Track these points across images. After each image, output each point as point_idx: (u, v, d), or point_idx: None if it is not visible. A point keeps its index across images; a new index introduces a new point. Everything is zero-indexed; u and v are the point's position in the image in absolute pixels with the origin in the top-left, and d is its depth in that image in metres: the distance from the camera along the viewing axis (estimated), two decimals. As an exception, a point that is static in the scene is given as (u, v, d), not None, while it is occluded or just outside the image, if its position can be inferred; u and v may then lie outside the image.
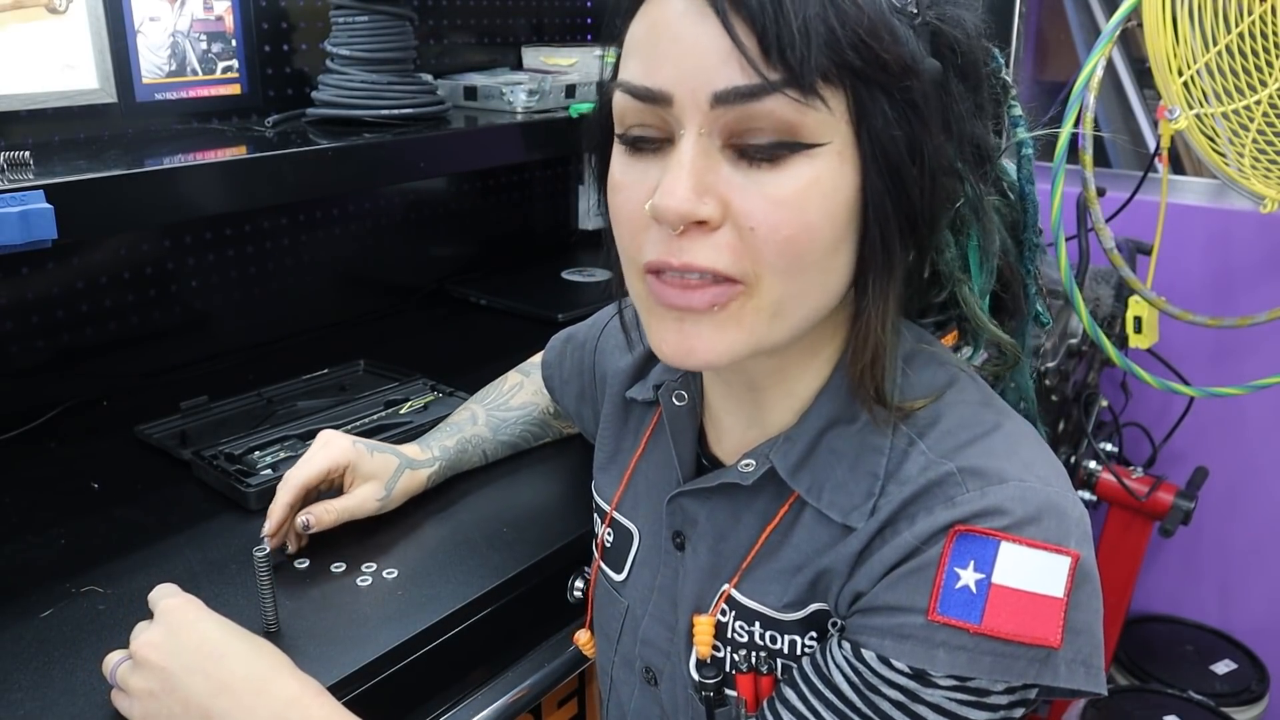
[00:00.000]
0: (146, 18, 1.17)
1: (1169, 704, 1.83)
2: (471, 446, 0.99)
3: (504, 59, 1.63)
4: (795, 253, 0.52)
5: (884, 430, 0.59)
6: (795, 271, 0.53)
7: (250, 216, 1.36)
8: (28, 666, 0.72)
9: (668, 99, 0.52)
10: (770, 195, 0.52)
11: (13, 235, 0.75)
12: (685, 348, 0.55)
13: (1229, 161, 1.33)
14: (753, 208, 0.52)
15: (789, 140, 0.51)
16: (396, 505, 0.91)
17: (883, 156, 0.53)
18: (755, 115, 0.51)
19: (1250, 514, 1.99)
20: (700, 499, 0.67)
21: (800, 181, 0.51)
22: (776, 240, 0.52)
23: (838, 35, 0.50)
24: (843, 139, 0.52)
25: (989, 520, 0.54)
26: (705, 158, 0.52)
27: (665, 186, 0.52)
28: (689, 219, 0.52)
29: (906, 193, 0.54)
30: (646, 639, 0.71)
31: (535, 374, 1.04)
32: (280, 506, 0.83)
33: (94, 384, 1.22)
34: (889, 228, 0.54)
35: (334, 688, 0.70)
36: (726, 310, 0.54)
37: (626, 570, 0.75)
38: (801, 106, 0.50)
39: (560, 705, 0.93)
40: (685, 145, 0.52)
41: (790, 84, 0.49)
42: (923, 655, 0.54)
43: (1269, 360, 1.85)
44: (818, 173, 0.52)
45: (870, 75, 0.51)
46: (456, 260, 1.67)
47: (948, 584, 0.54)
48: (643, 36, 0.54)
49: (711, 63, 0.50)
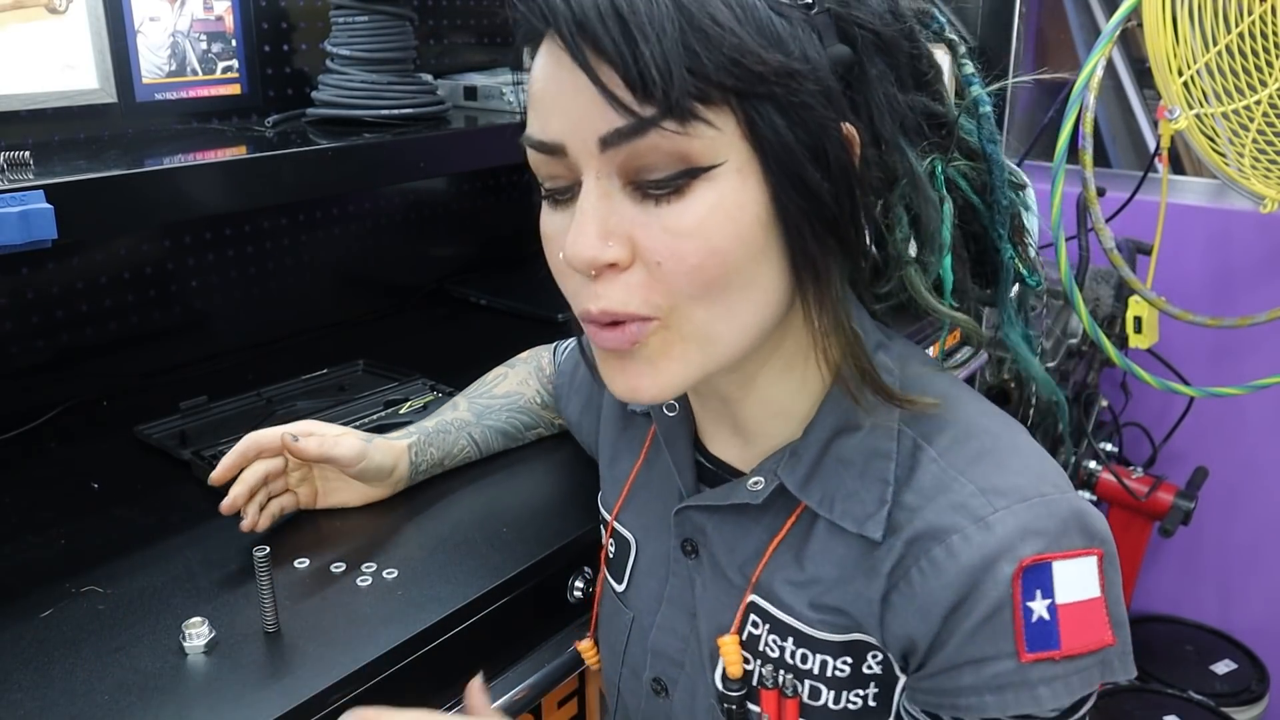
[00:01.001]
0: (146, 18, 1.17)
1: (1169, 704, 1.83)
2: (455, 428, 0.98)
3: (504, 59, 1.63)
4: (706, 279, 0.52)
5: (889, 434, 0.60)
6: (713, 296, 0.53)
7: (250, 216, 1.36)
8: (28, 666, 0.72)
9: (562, 149, 0.53)
10: (671, 228, 0.52)
11: (13, 235, 0.75)
12: (629, 386, 0.56)
13: (1229, 161, 1.33)
14: (656, 243, 0.52)
15: (682, 169, 0.51)
16: (381, 475, 0.91)
17: (782, 166, 0.52)
18: (643, 152, 0.51)
19: (1250, 514, 1.99)
20: (707, 512, 0.67)
21: (701, 208, 0.51)
22: (684, 271, 0.52)
23: (701, 59, 0.49)
24: (739, 154, 0.52)
25: (1034, 543, 0.54)
26: (607, 200, 0.52)
27: (571, 236, 0.53)
28: (595, 264, 0.52)
29: (816, 196, 0.53)
30: (657, 650, 0.71)
31: (521, 367, 1.04)
32: (232, 454, 0.84)
33: (94, 384, 1.22)
34: (808, 234, 0.54)
35: (334, 688, 0.70)
36: (649, 346, 0.54)
37: (626, 580, 0.75)
38: (683, 136, 0.50)
39: (560, 705, 0.93)
40: (586, 191, 0.53)
41: (664, 116, 0.49)
42: (1027, 700, 0.54)
43: (1269, 360, 1.85)
44: (719, 196, 0.52)
45: (749, 89, 0.50)
46: (456, 260, 1.67)
47: (1026, 621, 0.54)
48: (534, 90, 0.55)
49: (590, 108, 0.50)
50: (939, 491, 0.57)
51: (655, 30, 0.48)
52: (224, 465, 0.84)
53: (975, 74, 0.63)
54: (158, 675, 0.71)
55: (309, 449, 0.85)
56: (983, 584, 0.54)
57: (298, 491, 0.90)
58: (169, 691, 0.69)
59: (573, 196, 0.54)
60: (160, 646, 0.74)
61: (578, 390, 0.93)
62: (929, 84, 0.60)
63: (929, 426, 0.60)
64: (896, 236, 0.59)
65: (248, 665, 0.71)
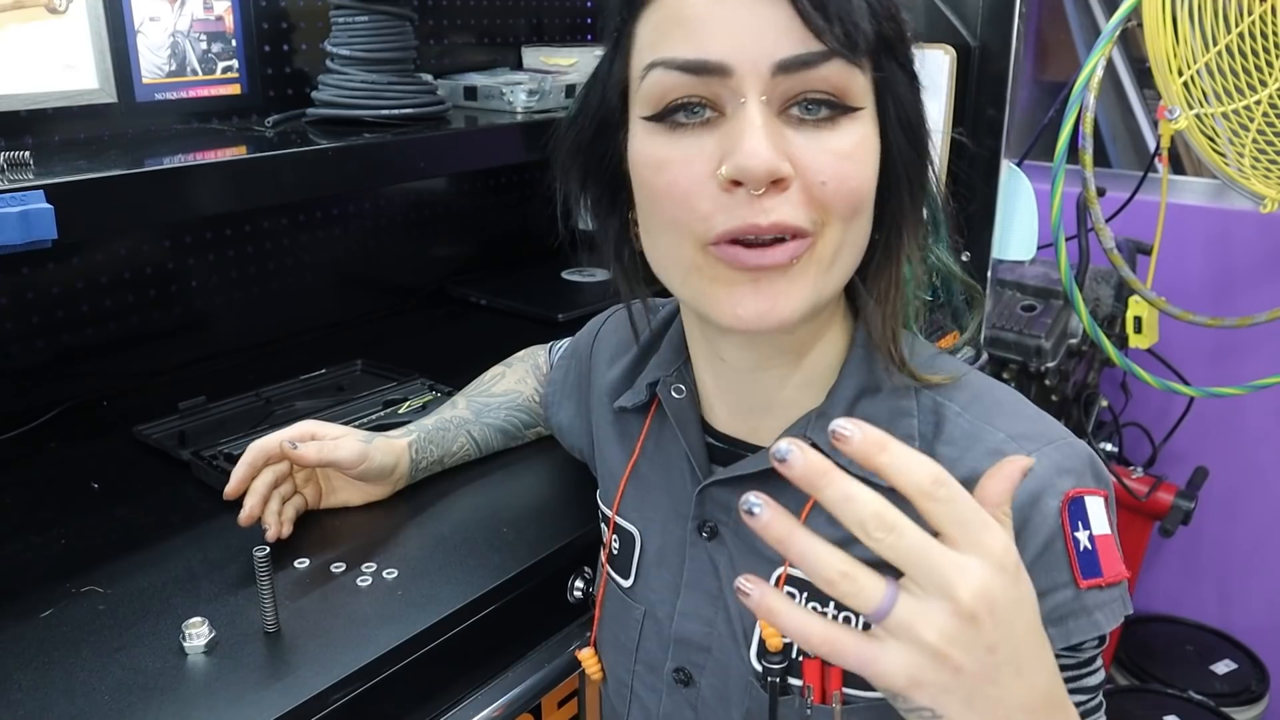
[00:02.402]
0: (146, 18, 1.17)
1: (1169, 704, 1.83)
2: (454, 426, 0.98)
3: (504, 59, 1.63)
4: (857, 202, 0.56)
5: (907, 393, 0.64)
6: (853, 219, 0.57)
7: (250, 216, 1.36)
8: (28, 666, 0.72)
9: (726, 70, 0.54)
10: (835, 150, 0.55)
11: (13, 235, 0.75)
12: (764, 307, 0.56)
13: (1229, 161, 1.33)
14: (822, 164, 0.55)
15: (840, 103, 0.55)
16: (383, 474, 0.91)
17: (905, 119, 0.59)
18: (812, 81, 0.54)
19: (1250, 514, 1.99)
20: (733, 486, 0.67)
21: (855, 138, 0.56)
22: (845, 191, 0.55)
23: (874, 7, 0.55)
24: (871, 105, 0.57)
25: (1068, 480, 0.59)
26: (770, 121, 0.54)
27: (747, 148, 0.53)
28: (775, 175, 0.53)
29: (922, 151, 0.60)
30: (680, 638, 0.71)
31: (518, 365, 1.05)
32: (242, 465, 0.85)
33: (94, 384, 1.22)
34: (914, 183, 0.60)
35: (334, 688, 0.70)
36: (799, 264, 0.56)
37: (634, 574, 0.74)
38: (852, 71, 0.55)
39: (560, 705, 0.93)
40: (752, 111, 0.54)
41: (846, 49, 0.53)
42: (1087, 625, 0.58)
43: (1269, 360, 1.85)
44: (864, 131, 0.56)
45: (892, 45, 0.57)
46: (456, 260, 1.67)
47: (1077, 549, 0.58)
48: (675, 16, 0.55)
49: (772, 33, 0.53)
50: (972, 441, 0.61)
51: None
52: (236, 479, 0.85)
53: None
54: (158, 675, 0.71)
55: (308, 455, 0.85)
56: (1033, 520, 0.58)
57: (304, 493, 0.90)
58: (169, 691, 0.69)
59: (707, 121, 0.55)
60: (160, 646, 0.74)
61: (569, 395, 0.93)
62: None
63: (944, 388, 0.65)
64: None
65: (248, 665, 0.71)
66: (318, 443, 0.86)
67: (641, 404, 0.75)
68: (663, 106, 0.56)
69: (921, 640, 0.44)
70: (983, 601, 0.43)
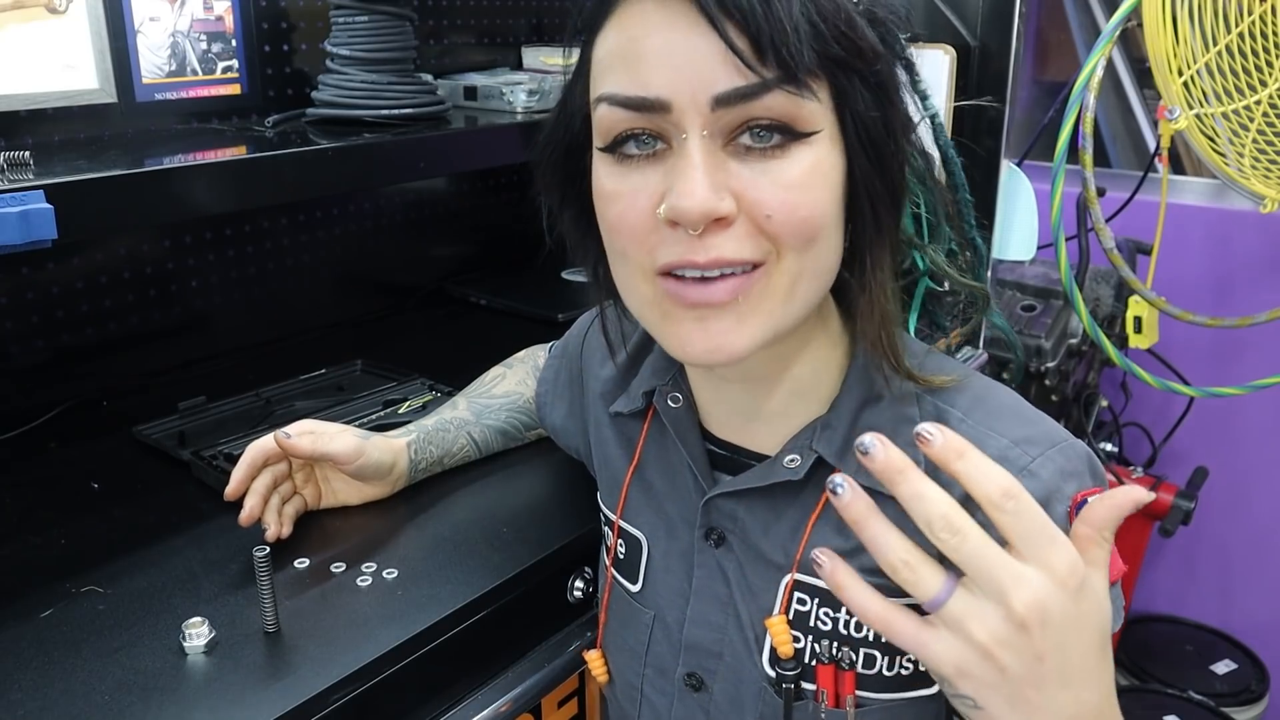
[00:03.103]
0: (146, 18, 1.17)
1: (1169, 704, 1.83)
2: (454, 427, 0.98)
3: (504, 59, 1.63)
4: (810, 231, 0.56)
5: (910, 400, 0.64)
6: (808, 248, 0.56)
7: (250, 216, 1.36)
8: (28, 666, 0.72)
9: (665, 106, 0.54)
10: (782, 181, 0.54)
11: (13, 235, 0.75)
12: (712, 345, 0.57)
13: (1229, 161, 1.33)
14: (766, 196, 0.54)
15: (789, 130, 0.54)
16: (380, 473, 0.91)
17: (866, 137, 0.57)
18: (755, 111, 0.53)
19: (1250, 514, 1.99)
20: (737, 498, 0.68)
21: (805, 164, 0.55)
22: (793, 223, 0.55)
23: (820, 30, 0.53)
24: (830, 125, 0.56)
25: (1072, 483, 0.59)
26: (711, 157, 0.54)
27: (681, 189, 0.53)
28: (711, 216, 0.53)
29: (887, 167, 0.58)
30: (692, 644, 0.71)
31: (519, 366, 1.04)
32: (241, 466, 0.84)
33: (94, 384, 1.22)
34: (879, 202, 0.58)
35: (334, 688, 0.70)
36: (748, 299, 0.56)
37: (642, 579, 0.74)
38: (797, 100, 0.53)
39: (560, 705, 0.93)
40: (692, 148, 0.54)
41: (786, 80, 0.52)
42: None
43: (1269, 360, 1.85)
44: (817, 157, 0.55)
45: (849, 64, 0.55)
46: (456, 260, 1.67)
47: None
48: (621, 48, 0.55)
49: (708, 67, 0.52)
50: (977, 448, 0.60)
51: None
52: (236, 480, 0.85)
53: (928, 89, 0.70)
54: (158, 675, 0.71)
55: (303, 446, 0.85)
56: None
57: (304, 493, 0.90)
58: (169, 691, 0.69)
59: (653, 155, 0.56)
60: (160, 646, 0.74)
61: (560, 396, 0.93)
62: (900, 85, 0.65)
63: (945, 393, 0.64)
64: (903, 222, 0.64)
65: (248, 665, 0.71)
66: (313, 435, 0.86)
67: (638, 410, 0.75)
68: (612, 139, 0.56)
69: (971, 636, 0.47)
70: (1035, 612, 0.46)
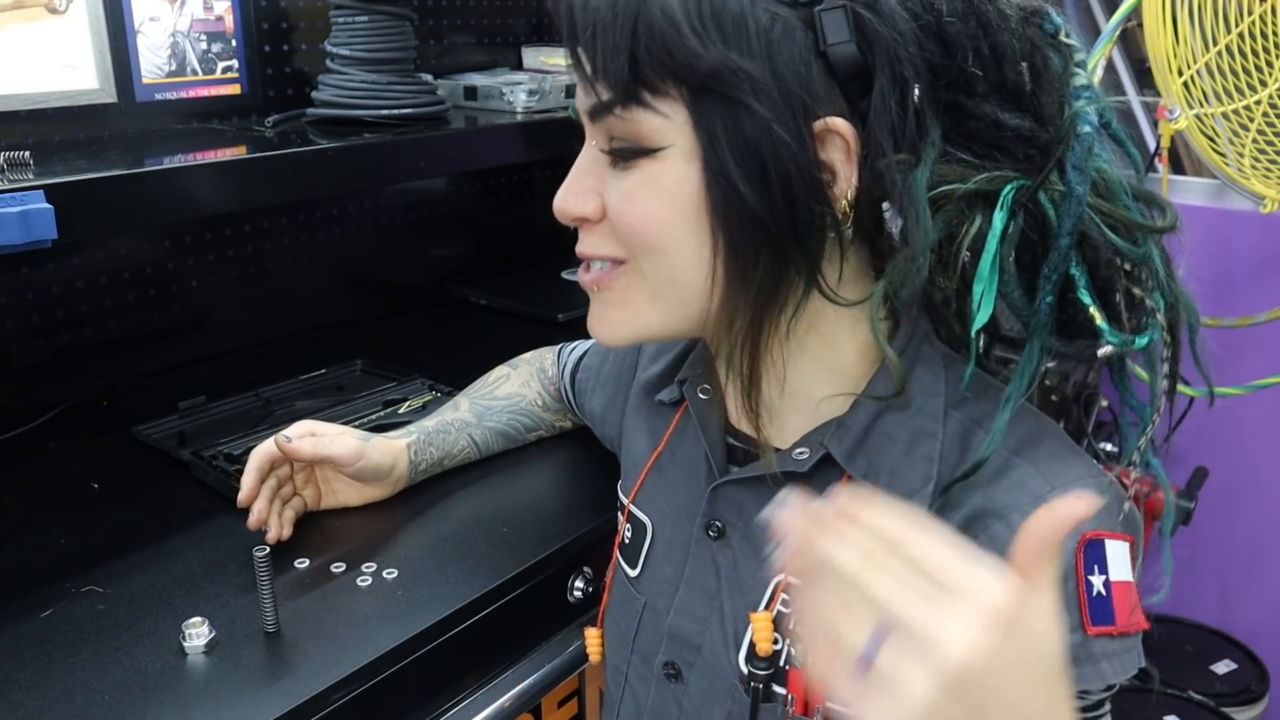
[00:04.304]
0: (146, 18, 1.17)
1: (1169, 704, 1.83)
2: (455, 429, 0.98)
3: (504, 59, 1.63)
4: (644, 241, 0.59)
5: (935, 416, 0.61)
6: (654, 253, 0.59)
7: (250, 216, 1.36)
8: (28, 667, 0.72)
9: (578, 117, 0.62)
10: (618, 190, 0.59)
11: (13, 235, 0.75)
12: (595, 326, 0.64)
13: (1229, 161, 1.33)
14: (611, 204, 0.60)
15: (632, 146, 0.57)
16: (380, 474, 0.91)
17: (712, 159, 0.55)
18: (611, 127, 0.58)
19: (1250, 514, 1.99)
20: (746, 486, 0.67)
21: (640, 179, 0.58)
22: (624, 228, 0.59)
23: (639, 51, 0.54)
24: (688, 140, 0.56)
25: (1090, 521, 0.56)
26: (594, 164, 0.61)
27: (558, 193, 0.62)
28: (568, 217, 0.62)
29: (739, 193, 0.54)
30: (674, 633, 0.71)
31: (524, 367, 1.04)
32: (250, 473, 0.85)
33: (94, 384, 1.22)
34: (734, 228, 0.56)
35: (334, 688, 0.70)
36: (609, 291, 0.62)
37: (641, 565, 0.75)
38: (633, 119, 0.56)
39: (560, 705, 0.93)
40: (581, 153, 0.62)
41: (616, 103, 0.56)
42: (1091, 674, 0.56)
43: (1269, 360, 1.84)
44: (659, 171, 0.57)
45: (687, 81, 0.54)
46: (456, 260, 1.67)
47: (1089, 594, 0.55)
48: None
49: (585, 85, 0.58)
50: (997, 474, 0.58)
51: (610, 19, 0.54)
52: (247, 487, 0.85)
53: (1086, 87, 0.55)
54: (158, 675, 0.71)
55: (303, 450, 0.85)
56: None
57: (304, 495, 0.90)
58: (169, 691, 0.69)
59: None
60: (160, 646, 0.74)
61: (604, 384, 0.93)
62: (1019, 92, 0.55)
63: (977, 412, 0.61)
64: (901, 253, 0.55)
65: (248, 665, 0.71)
66: (314, 438, 0.86)
67: (676, 400, 0.75)
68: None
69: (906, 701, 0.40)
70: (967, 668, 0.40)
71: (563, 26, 0.57)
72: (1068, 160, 0.54)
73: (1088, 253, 0.56)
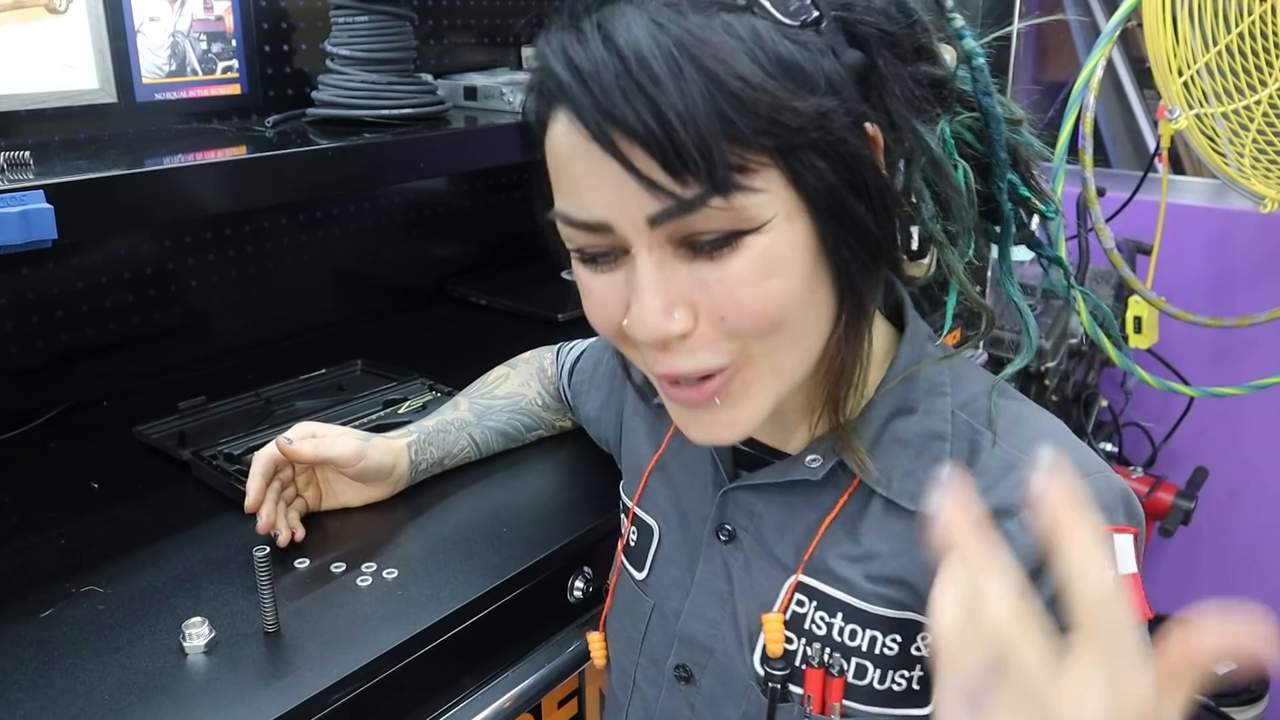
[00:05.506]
0: (146, 18, 1.17)
1: (1169, 704, 1.82)
2: (455, 428, 0.98)
3: (504, 59, 1.63)
4: (771, 320, 0.53)
5: (943, 417, 0.62)
6: (778, 332, 0.54)
7: (250, 216, 1.36)
8: (28, 666, 0.72)
9: (608, 228, 0.53)
10: (728, 279, 0.52)
11: (13, 235, 0.75)
12: (709, 435, 0.58)
13: (1229, 161, 1.33)
14: (717, 299, 0.53)
15: (733, 230, 0.51)
16: (381, 474, 0.91)
17: (828, 208, 0.53)
18: (694, 222, 0.51)
19: (1250, 514, 1.99)
20: (757, 491, 0.68)
21: (755, 255, 0.52)
22: (749, 317, 0.53)
23: (739, 127, 0.48)
24: (787, 204, 0.52)
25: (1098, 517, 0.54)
26: (662, 270, 0.53)
27: (635, 314, 0.53)
28: (664, 340, 0.53)
29: (861, 228, 0.54)
30: (685, 636, 0.71)
31: (523, 367, 1.04)
32: (255, 478, 0.84)
33: (94, 384, 1.22)
34: (854, 265, 0.55)
35: (334, 688, 0.70)
36: (729, 396, 0.56)
37: (648, 568, 0.75)
38: (729, 206, 0.50)
39: (560, 705, 0.93)
40: (641, 266, 0.52)
41: (712, 193, 0.49)
42: None
43: (1269, 360, 1.85)
44: (770, 242, 0.52)
45: (790, 143, 0.50)
46: (456, 260, 1.67)
47: None
48: (559, 168, 0.55)
49: (634, 191, 0.50)
50: (1006, 472, 0.60)
51: (687, 105, 0.47)
52: (254, 492, 0.85)
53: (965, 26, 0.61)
54: (158, 675, 0.71)
55: (304, 452, 0.85)
56: None
57: (305, 495, 0.90)
58: (169, 691, 0.69)
59: (614, 261, 0.55)
60: (160, 646, 0.74)
61: (599, 386, 0.93)
62: (925, 48, 0.59)
63: (982, 413, 0.62)
64: (924, 215, 0.59)
65: (248, 665, 0.71)
66: (315, 440, 0.86)
67: None
68: (574, 249, 0.57)
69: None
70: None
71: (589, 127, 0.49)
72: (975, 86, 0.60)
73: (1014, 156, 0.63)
